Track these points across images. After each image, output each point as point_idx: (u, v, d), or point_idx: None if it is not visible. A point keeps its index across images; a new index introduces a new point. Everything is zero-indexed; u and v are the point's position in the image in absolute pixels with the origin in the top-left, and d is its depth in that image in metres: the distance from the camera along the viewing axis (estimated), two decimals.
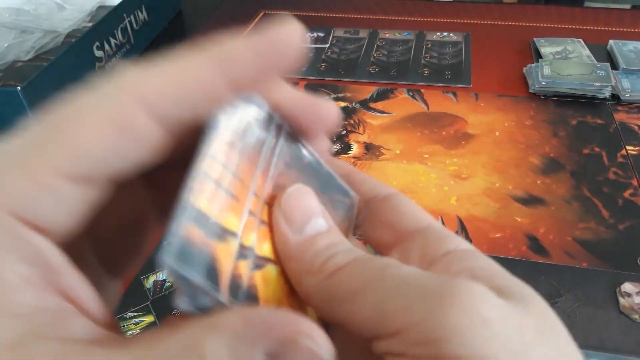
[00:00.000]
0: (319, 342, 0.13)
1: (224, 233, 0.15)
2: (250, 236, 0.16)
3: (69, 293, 0.14)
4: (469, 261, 0.17)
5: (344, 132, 0.64)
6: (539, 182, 0.56)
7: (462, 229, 0.50)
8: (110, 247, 0.19)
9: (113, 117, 0.14)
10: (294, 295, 0.17)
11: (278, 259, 0.17)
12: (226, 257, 0.15)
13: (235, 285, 0.15)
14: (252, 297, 0.15)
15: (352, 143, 0.62)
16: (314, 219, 0.17)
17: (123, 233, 0.19)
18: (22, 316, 0.13)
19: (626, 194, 0.54)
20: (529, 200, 0.53)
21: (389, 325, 0.15)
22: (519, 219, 0.51)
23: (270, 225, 0.17)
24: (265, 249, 0.17)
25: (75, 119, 0.14)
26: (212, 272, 0.14)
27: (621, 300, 0.43)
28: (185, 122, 0.15)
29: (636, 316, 0.42)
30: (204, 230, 0.14)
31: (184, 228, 0.14)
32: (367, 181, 0.20)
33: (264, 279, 0.16)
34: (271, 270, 0.17)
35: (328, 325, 0.17)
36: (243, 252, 0.16)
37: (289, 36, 0.16)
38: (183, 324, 0.13)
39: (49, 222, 0.14)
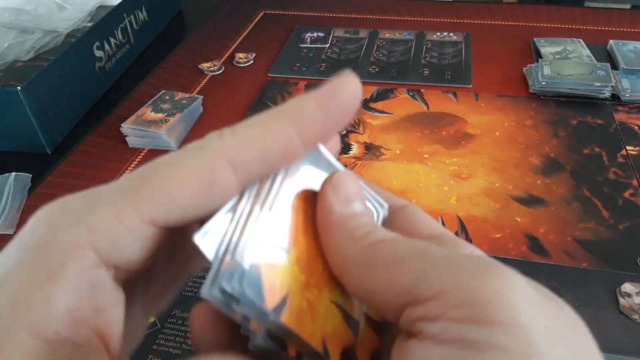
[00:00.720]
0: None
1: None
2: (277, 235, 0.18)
3: (102, 330, 0.15)
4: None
5: (344, 132, 0.64)
6: (539, 182, 0.56)
7: (462, 229, 0.50)
8: (155, 285, 0.20)
9: (202, 173, 0.16)
10: (312, 289, 0.18)
11: (293, 248, 0.18)
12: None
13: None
14: (252, 278, 0.16)
15: (352, 143, 0.62)
16: (357, 201, 0.19)
17: (168, 274, 0.20)
18: (46, 340, 0.14)
19: (626, 194, 0.54)
20: (529, 200, 0.53)
21: (430, 288, 0.15)
22: (518, 219, 0.51)
23: (290, 216, 0.18)
24: (278, 237, 0.18)
25: (166, 171, 0.16)
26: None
27: (621, 300, 0.43)
28: (261, 173, 0.17)
29: (636, 316, 0.42)
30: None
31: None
32: (381, 193, 0.21)
33: (270, 264, 0.17)
34: (282, 256, 0.18)
35: None
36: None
37: (352, 93, 0.18)
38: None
39: (123, 258, 0.16)
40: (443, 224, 0.51)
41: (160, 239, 0.17)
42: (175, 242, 0.19)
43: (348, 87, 0.18)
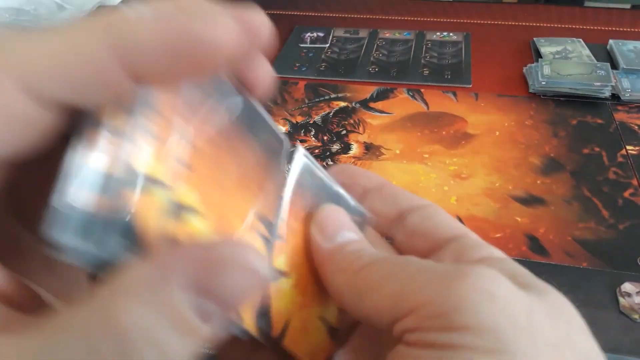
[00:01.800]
0: (252, 256, 0.13)
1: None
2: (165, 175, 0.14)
3: None
4: (499, 265, 0.18)
5: (344, 132, 0.64)
6: (539, 182, 0.56)
7: None
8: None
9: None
10: (306, 308, 0.19)
11: (293, 271, 0.19)
12: None
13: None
14: (265, 310, 0.17)
15: (352, 143, 0.62)
16: (345, 231, 0.19)
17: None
18: None
19: (626, 194, 0.54)
20: (529, 200, 0.53)
21: (407, 305, 0.16)
22: (518, 219, 0.51)
23: (287, 239, 0.19)
24: (280, 262, 0.18)
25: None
26: None
27: (621, 300, 0.43)
28: (76, 103, 0.13)
29: (636, 316, 0.42)
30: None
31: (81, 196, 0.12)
32: (401, 193, 0.22)
33: (277, 291, 0.18)
34: (284, 283, 0.18)
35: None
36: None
37: (218, 33, 0.13)
38: (91, 294, 0.12)
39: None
40: None
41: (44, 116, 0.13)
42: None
43: (216, 28, 0.13)
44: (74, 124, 0.13)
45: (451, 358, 0.15)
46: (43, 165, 0.14)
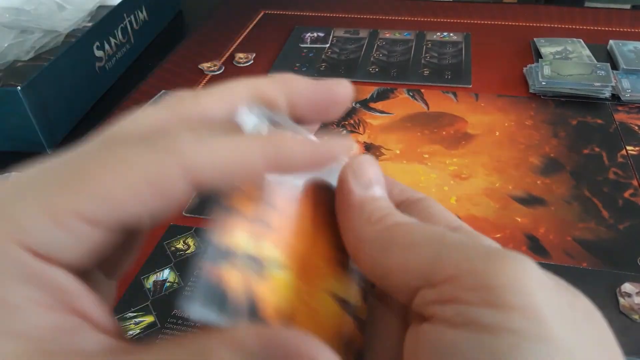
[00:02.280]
0: None
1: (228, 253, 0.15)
2: (257, 244, 0.16)
3: (85, 312, 0.15)
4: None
5: (344, 132, 0.64)
6: (539, 182, 0.56)
7: None
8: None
9: (153, 177, 0.15)
10: (311, 300, 0.17)
11: (294, 263, 0.17)
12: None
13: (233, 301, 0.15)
14: (253, 309, 0.15)
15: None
16: (377, 186, 0.19)
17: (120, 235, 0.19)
18: (25, 335, 0.13)
19: (626, 194, 0.54)
20: (529, 200, 0.53)
21: (445, 270, 0.15)
22: (519, 219, 0.51)
23: (283, 229, 0.17)
24: (276, 254, 0.17)
25: (111, 169, 0.15)
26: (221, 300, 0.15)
27: (621, 300, 0.43)
28: (211, 189, 0.16)
29: (636, 316, 0.42)
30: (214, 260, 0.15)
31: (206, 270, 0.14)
32: (397, 185, 0.21)
33: (272, 287, 0.16)
34: (283, 276, 0.17)
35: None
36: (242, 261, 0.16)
37: (345, 153, 0.18)
38: (196, 334, 0.13)
39: (63, 257, 0.14)
40: None
41: (104, 239, 0.15)
42: None
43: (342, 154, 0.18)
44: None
45: (494, 343, 0.13)
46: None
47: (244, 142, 0.16)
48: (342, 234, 0.18)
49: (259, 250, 0.16)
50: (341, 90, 0.19)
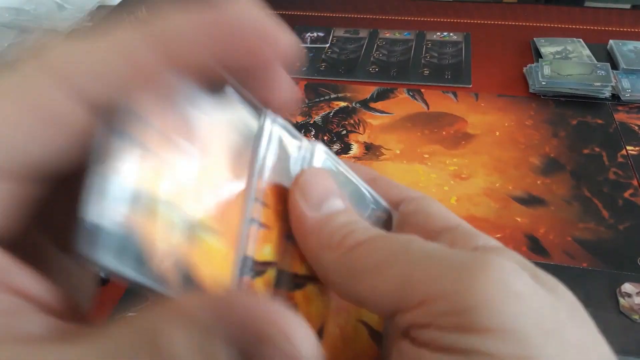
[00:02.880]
0: (299, 344, 0.12)
1: (258, 265, 0.14)
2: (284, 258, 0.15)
3: (21, 289, 0.13)
4: (498, 253, 0.16)
5: (344, 132, 0.64)
6: (539, 182, 0.56)
7: None
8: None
9: (33, 103, 0.12)
10: (343, 312, 0.17)
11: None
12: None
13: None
14: (187, 277, 0.13)
15: (352, 143, 0.62)
16: (331, 199, 0.16)
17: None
18: None
19: (626, 194, 0.54)
20: (529, 200, 0.53)
21: (414, 295, 0.14)
22: (519, 219, 0.51)
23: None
24: (304, 267, 0.16)
25: None
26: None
27: (621, 300, 0.43)
28: (114, 101, 0.13)
29: (636, 316, 0.42)
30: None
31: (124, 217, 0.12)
32: (394, 186, 0.20)
33: (307, 297, 0.15)
34: (313, 289, 0.16)
35: None
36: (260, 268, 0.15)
37: (246, 17, 0.14)
38: (142, 310, 0.12)
39: None
40: None
41: (28, 191, 0.13)
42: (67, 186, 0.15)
43: (240, 6, 0.14)
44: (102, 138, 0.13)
45: None
46: (68, 179, 0.14)
47: (126, 33, 0.13)
48: (308, 260, 0.17)
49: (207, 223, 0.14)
50: (281, 36, 0.14)
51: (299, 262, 0.16)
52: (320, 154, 0.17)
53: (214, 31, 0.13)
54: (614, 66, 0.72)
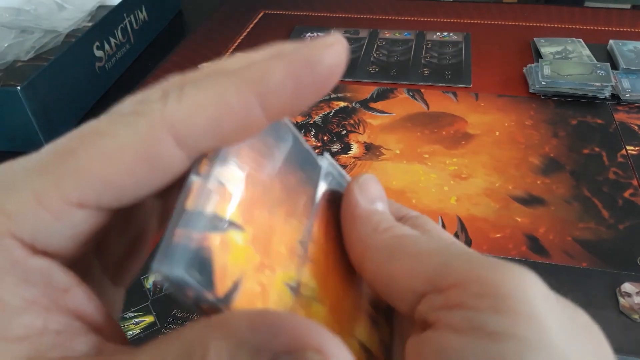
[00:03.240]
0: (331, 357, 0.12)
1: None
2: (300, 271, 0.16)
3: (77, 311, 0.14)
4: None
5: (344, 132, 0.64)
6: (539, 182, 0.56)
7: (462, 229, 0.50)
8: (113, 256, 0.19)
9: (139, 147, 0.14)
10: (262, 271, 0.16)
11: (327, 295, 0.17)
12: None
13: None
14: (200, 261, 0.14)
15: (352, 143, 0.62)
16: (381, 201, 0.19)
17: (125, 241, 0.19)
18: (25, 339, 0.13)
19: (626, 194, 0.54)
20: (529, 200, 0.53)
21: (452, 277, 0.15)
22: (519, 219, 0.51)
23: (319, 263, 0.17)
24: (231, 211, 0.15)
25: (94, 143, 0.14)
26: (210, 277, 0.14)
27: (621, 300, 0.43)
28: (211, 147, 0.14)
29: (636, 316, 0.42)
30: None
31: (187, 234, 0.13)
32: (393, 204, 0.21)
33: (225, 245, 0.15)
34: (236, 236, 0.15)
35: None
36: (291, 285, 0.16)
37: (334, 61, 0.15)
38: (187, 326, 0.13)
39: (54, 246, 0.14)
40: (443, 224, 0.51)
41: (100, 220, 0.14)
42: (126, 212, 0.17)
43: (330, 53, 0.15)
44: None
45: (499, 349, 0.13)
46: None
47: (231, 82, 0.14)
48: (347, 243, 0.19)
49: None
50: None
51: (309, 278, 0.17)
52: (326, 168, 0.20)
53: (304, 80, 0.15)
54: (614, 66, 0.72)
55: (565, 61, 0.72)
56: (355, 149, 0.61)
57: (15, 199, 0.13)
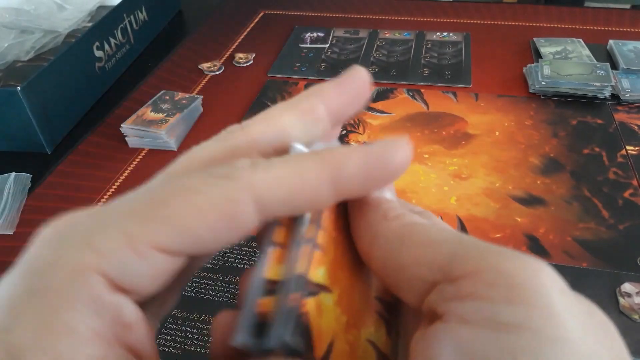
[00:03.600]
0: None
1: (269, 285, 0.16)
2: (301, 263, 0.16)
3: (135, 348, 0.15)
4: None
5: (344, 132, 0.64)
6: (539, 182, 0.56)
7: (462, 229, 0.50)
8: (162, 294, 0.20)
9: (225, 206, 0.15)
10: (352, 329, 0.17)
11: (335, 286, 0.17)
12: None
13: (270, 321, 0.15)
14: (302, 327, 0.15)
15: (352, 143, 0.62)
16: (389, 192, 0.19)
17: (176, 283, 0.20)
18: None
19: (626, 194, 0.54)
20: (529, 200, 0.53)
21: (464, 266, 0.14)
22: (518, 219, 0.51)
23: (327, 249, 0.17)
24: (319, 275, 0.16)
25: (186, 197, 0.15)
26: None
27: (621, 300, 0.43)
28: (281, 215, 0.16)
29: (636, 316, 0.42)
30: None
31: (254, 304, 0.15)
32: (397, 201, 0.21)
33: (317, 307, 0.16)
34: (326, 298, 0.16)
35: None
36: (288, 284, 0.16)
37: (399, 154, 0.17)
38: None
39: (133, 283, 0.15)
40: None
41: (175, 266, 0.16)
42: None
43: (400, 154, 0.17)
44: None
45: (513, 341, 0.13)
46: None
47: (312, 163, 0.16)
48: (355, 231, 0.18)
49: (306, 272, 0.16)
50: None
51: (315, 269, 0.16)
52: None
53: (374, 174, 0.17)
54: (614, 66, 0.72)
55: (565, 61, 0.72)
56: None
57: (107, 238, 0.15)
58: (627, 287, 0.44)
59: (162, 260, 0.15)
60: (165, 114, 0.64)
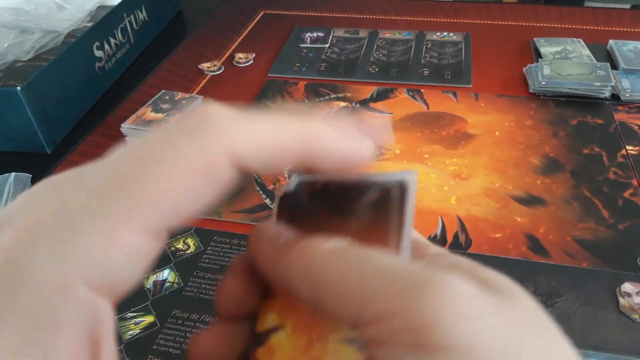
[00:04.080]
0: None
1: None
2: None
3: (99, 343, 0.14)
4: (451, 258, 0.17)
5: None
6: (538, 182, 0.56)
7: (462, 229, 0.50)
8: None
9: (202, 167, 0.15)
10: (312, 346, 0.17)
11: (290, 315, 0.17)
12: None
13: None
14: None
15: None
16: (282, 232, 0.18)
17: None
18: (59, 354, 0.13)
19: (626, 194, 0.54)
20: (529, 200, 0.53)
21: (373, 309, 0.14)
22: (518, 219, 0.51)
23: (273, 294, 0.18)
24: (269, 321, 0.17)
25: (157, 171, 0.14)
26: None
27: (621, 300, 0.43)
28: (254, 169, 0.16)
29: (636, 316, 0.42)
30: None
31: None
32: None
33: (269, 350, 0.17)
34: (279, 336, 0.17)
35: None
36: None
37: (365, 151, 0.18)
38: None
39: (116, 282, 0.14)
40: (443, 224, 0.51)
41: (160, 244, 0.15)
42: None
43: (370, 145, 0.18)
44: None
45: None
46: None
47: (284, 122, 0.16)
48: (263, 268, 0.18)
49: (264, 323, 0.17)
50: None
51: (263, 318, 0.17)
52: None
53: (353, 151, 0.18)
54: (614, 66, 0.72)
55: (565, 61, 0.72)
56: None
57: (86, 244, 0.13)
58: (627, 287, 0.44)
59: (145, 246, 0.14)
60: (165, 114, 0.64)
